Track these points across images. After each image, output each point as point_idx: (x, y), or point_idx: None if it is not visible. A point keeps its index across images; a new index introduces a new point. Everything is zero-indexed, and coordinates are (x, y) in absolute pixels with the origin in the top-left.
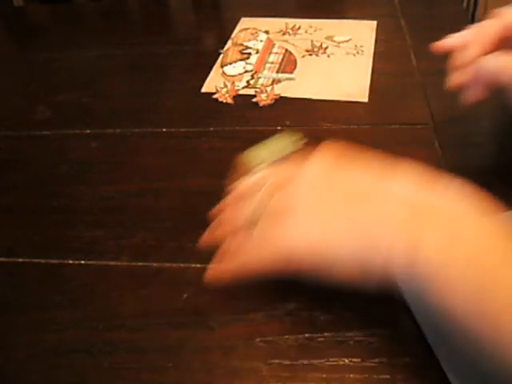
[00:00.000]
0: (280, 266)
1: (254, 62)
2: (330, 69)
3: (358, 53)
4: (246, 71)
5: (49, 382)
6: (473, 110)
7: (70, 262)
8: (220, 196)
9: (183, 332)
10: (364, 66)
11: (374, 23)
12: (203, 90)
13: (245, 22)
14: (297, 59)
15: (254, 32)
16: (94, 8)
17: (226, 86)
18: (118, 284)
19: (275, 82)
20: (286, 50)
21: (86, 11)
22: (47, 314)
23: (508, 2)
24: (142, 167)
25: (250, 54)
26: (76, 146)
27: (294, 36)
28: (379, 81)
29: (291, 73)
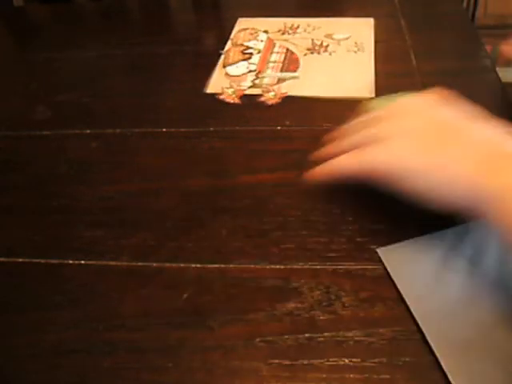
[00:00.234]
0: (366, 174)
1: (257, 62)
2: (333, 66)
3: (358, 50)
4: (250, 71)
5: (49, 382)
6: None
7: (70, 262)
8: (220, 196)
9: (183, 332)
10: (366, 62)
11: (371, 20)
12: (208, 90)
13: (242, 23)
14: (299, 58)
15: (253, 32)
16: (93, 8)
17: (231, 86)
18: (118, 284)
19: (280, 80)
20: (287, 49)
21: (85, 11)
22: (47, 314)
23: (508, 2)
24: (141, 167)
25: (251, 53)
26: (76, 146)
27: (293, 35)
28: (379, 81)
29: (295, 71)
